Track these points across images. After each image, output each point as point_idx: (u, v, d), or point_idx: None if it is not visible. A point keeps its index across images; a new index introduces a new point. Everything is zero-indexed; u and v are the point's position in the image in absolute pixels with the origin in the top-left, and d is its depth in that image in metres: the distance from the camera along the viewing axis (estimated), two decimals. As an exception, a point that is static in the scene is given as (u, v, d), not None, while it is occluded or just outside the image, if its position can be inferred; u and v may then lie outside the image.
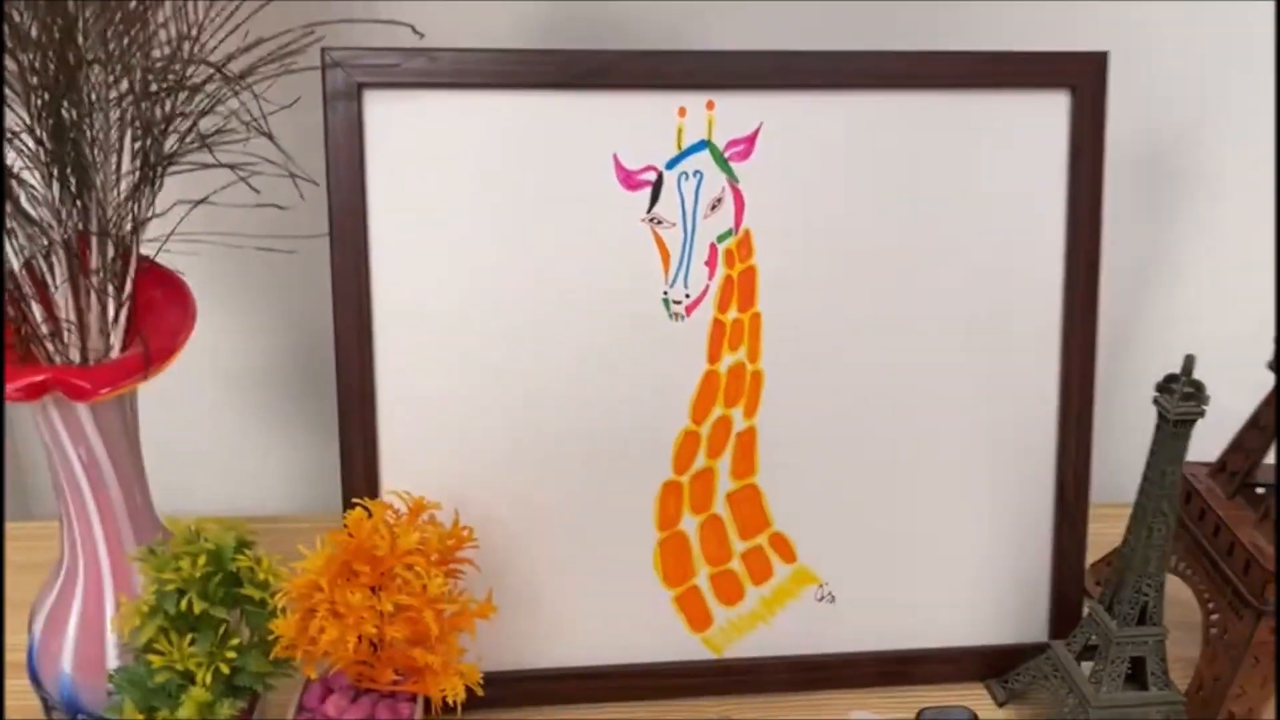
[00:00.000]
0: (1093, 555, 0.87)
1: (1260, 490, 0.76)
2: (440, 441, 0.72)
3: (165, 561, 0.59)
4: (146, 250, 0.67)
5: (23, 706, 0.72)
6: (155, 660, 0.58)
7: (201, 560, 0.59)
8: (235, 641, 0.60)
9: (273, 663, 0.61)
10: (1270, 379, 0.74)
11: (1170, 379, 0.63)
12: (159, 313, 0.67)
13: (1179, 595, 0.78)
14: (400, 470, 0.71)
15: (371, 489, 0.71)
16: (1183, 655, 0.76)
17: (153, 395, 0.67)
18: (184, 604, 0.58)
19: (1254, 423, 0.77)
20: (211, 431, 0.97)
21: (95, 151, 0.64)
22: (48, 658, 0.68)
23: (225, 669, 0.58)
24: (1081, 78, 0.72)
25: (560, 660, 0.74)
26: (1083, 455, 0.76)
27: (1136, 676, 0.69)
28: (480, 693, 0.63)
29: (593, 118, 0.70)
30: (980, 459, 0.76)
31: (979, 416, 0.76)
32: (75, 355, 0.65)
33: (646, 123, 0.70)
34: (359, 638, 0.58)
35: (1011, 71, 0.72)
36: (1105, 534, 0.82)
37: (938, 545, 0.77)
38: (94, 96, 0.63)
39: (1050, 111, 0.73)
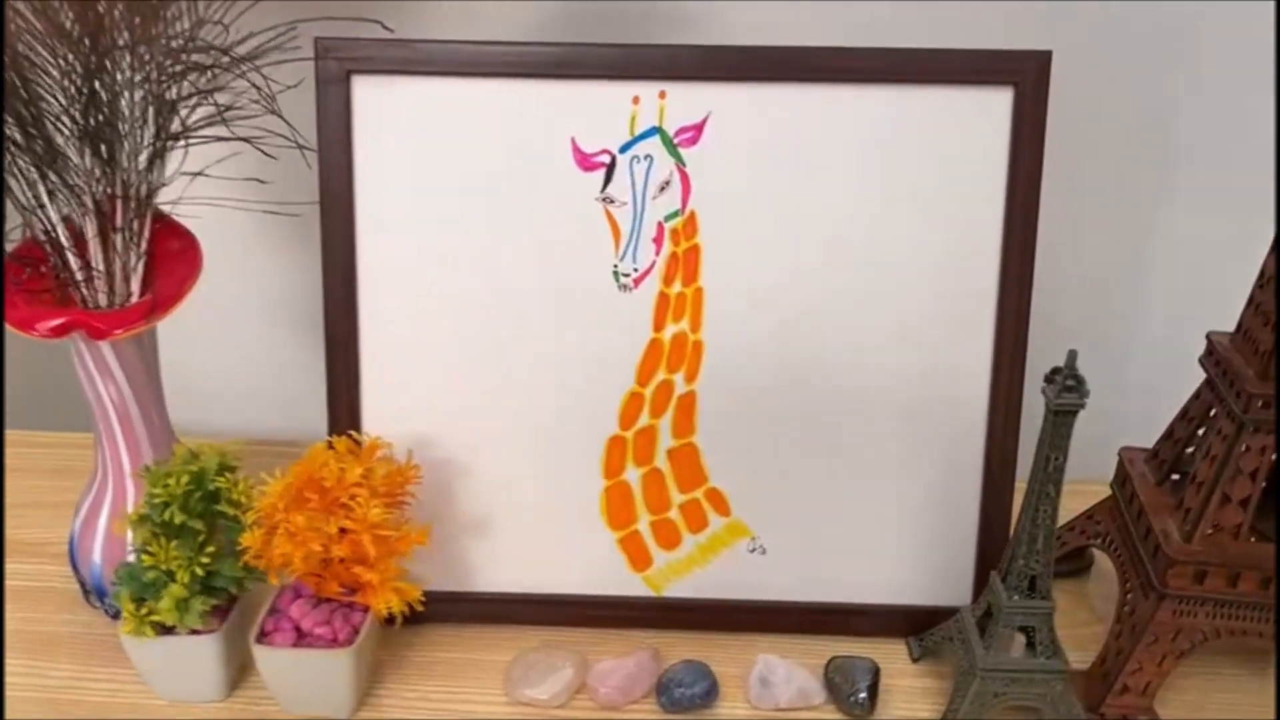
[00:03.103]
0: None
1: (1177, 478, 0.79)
2: (415, 386, 0.81)
3: (157, 478, 0.71)
4: (166, 210, 0.78)
5: (66, 589, 0.86)
6: (145, 559, 0.70)
7: (184, 479, 0.70)
8: (210, 549, 0.71)
9: (245, 569, 0.72)
10: (1195, 373, 0.77)
11: (1055, 371, 0.67)
12: (172, 264, 0.78)
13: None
14: (379, 410, 0.81)
15: (354, 426, 0.81)
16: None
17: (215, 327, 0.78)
18: (167, 515, 0.69)
19: (1183, 414, 0.80)
20: (266, 360, 1.10)
21: (122, 126, 0.75)
22: (83, 550, 0.81)
23: (200, 571, 0.70)
24: (1025, 75, 0.75)
25: (513, 586, 0.84)
26: (1010, 436, 0.80)
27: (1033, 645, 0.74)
28: (419, 608, 0.73)
29: (554, 104, 0.77)
30: (912, 433, 0.81)
31: (912, 393, 0.81)
32: (103, 300, 0.77)
33: (603, 109, 0.77)
34: (308, 554, 0.68)
35: (955, 68, 0.76)
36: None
37: (867, 510, 0.83)
38: (120, 79, 0.73)
39: (993, 108, 0.76)
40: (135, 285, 0.77)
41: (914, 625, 0.84)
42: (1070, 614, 0.88)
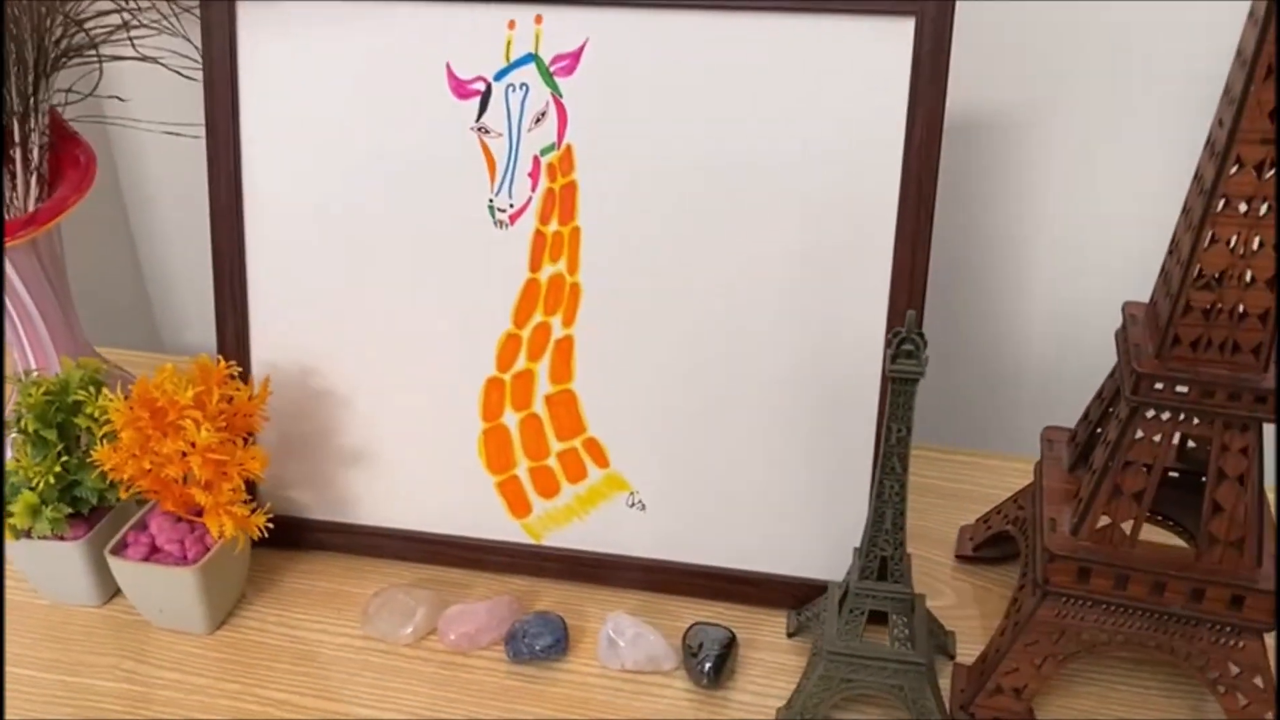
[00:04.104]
0: (980, 507, 0.85)
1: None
2: (299, 315, 0.81)
3: (25, 387, 0.73)
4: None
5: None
6: (10, 464, 0.73)
7: (43, 390, 0.72)
8: (66, 460, 0.73)
9: (106, 482, 0.74)
10: (1109, 352, 0.69)
11: (894, 334, 0.61)
12: (74, 179, 0.80)
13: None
14: (266, 337, 0.81)
15: (242, 353, 0.81)
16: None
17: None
18: (23, 423, 0.71)
19: (1098, 394, 0.72)
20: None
21: (11, 45, 0.76)
22: (-2, 453, 0.85)
23: (52, 480, 0.72)
24: (927, 3, 0.67)
25: (392, 521, 0.83)
26: (904, 404, 0.74)
27: (897, 631, 0.69)
28: (256, 535, 0.74)
29: (429, 28, 0.74)
30: (804, 392, 0.76)
31: (804, 350, 0.75)
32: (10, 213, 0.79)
33: (478, 34, 0.73)
34: (138, 471, 0.69)
35: (853, -5, 0.69)
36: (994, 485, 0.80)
37: (754, 471, 0.78)
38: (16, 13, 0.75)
39: (893, 37, 0.69)
40: (31, 200, 0.79)
41: (798, 599, 0.78)
42: (989, 603, 0.81)
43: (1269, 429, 0.62)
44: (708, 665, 0.72)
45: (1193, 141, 0.63)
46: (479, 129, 0.75)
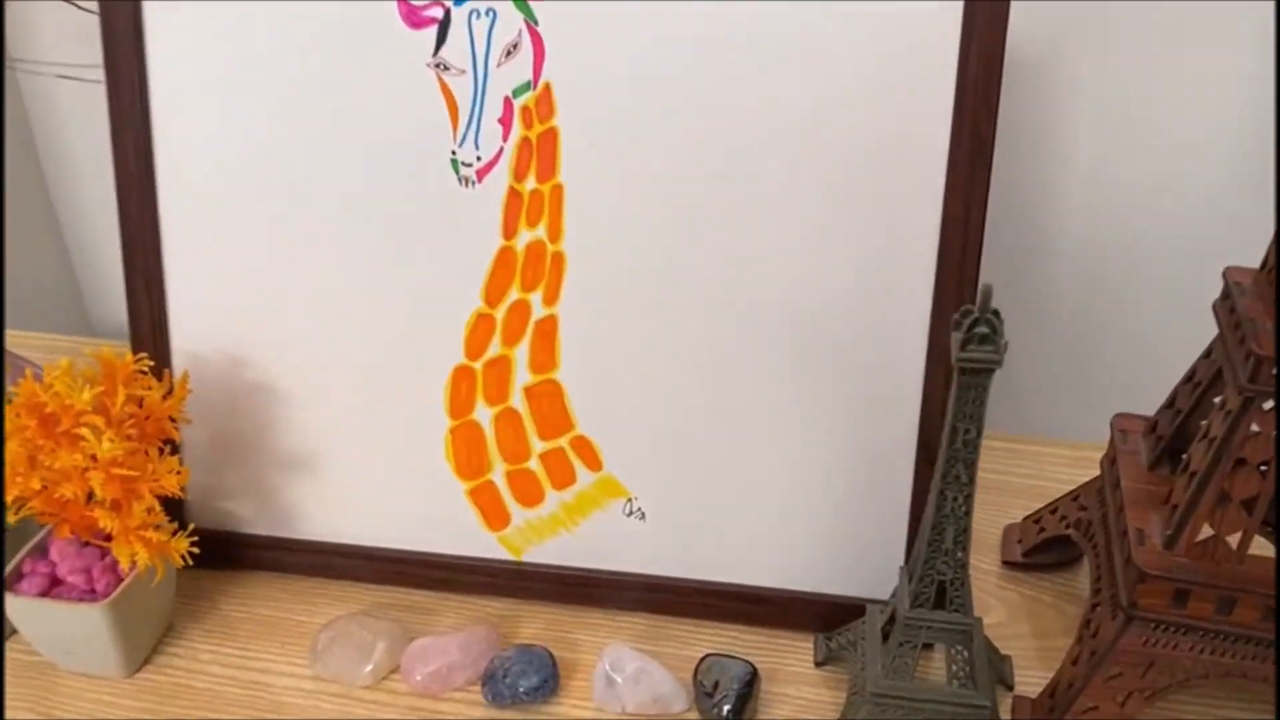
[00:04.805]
0: (1027, 502, 0.74)
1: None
2: (228, 298, 0.67)
3: (-114, 389, 0.59)
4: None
5: None
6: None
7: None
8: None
9: (-6, 502, 0.61)
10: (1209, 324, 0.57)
11: (964, 313, 0.48)
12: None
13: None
14: (188, 326, 0.68)
15: (160, 343, 0.68)
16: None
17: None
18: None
19: (1188, 377, 0.60)
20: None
21: None
22: None
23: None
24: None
25: (346, 536, 0.71)
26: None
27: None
28: (179, 562, 0.61)
29: (375, -58, 0.60)
30: (832, 380, 0.64)
31: (833, 333, 0.63)
32: None
33: (434, -51, 0.60)
34: (24, 491, 0.56)
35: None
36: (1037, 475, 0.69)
37: (771, 474, 0.66)
38: None
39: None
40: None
41: (824, 620, 0.67)
42: (1044, 619, 0.70)
43: None
44: (726, 709, 0.60)
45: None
46: (437, 65, 0.61)
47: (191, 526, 0.62)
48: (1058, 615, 0.70)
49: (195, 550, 0.62)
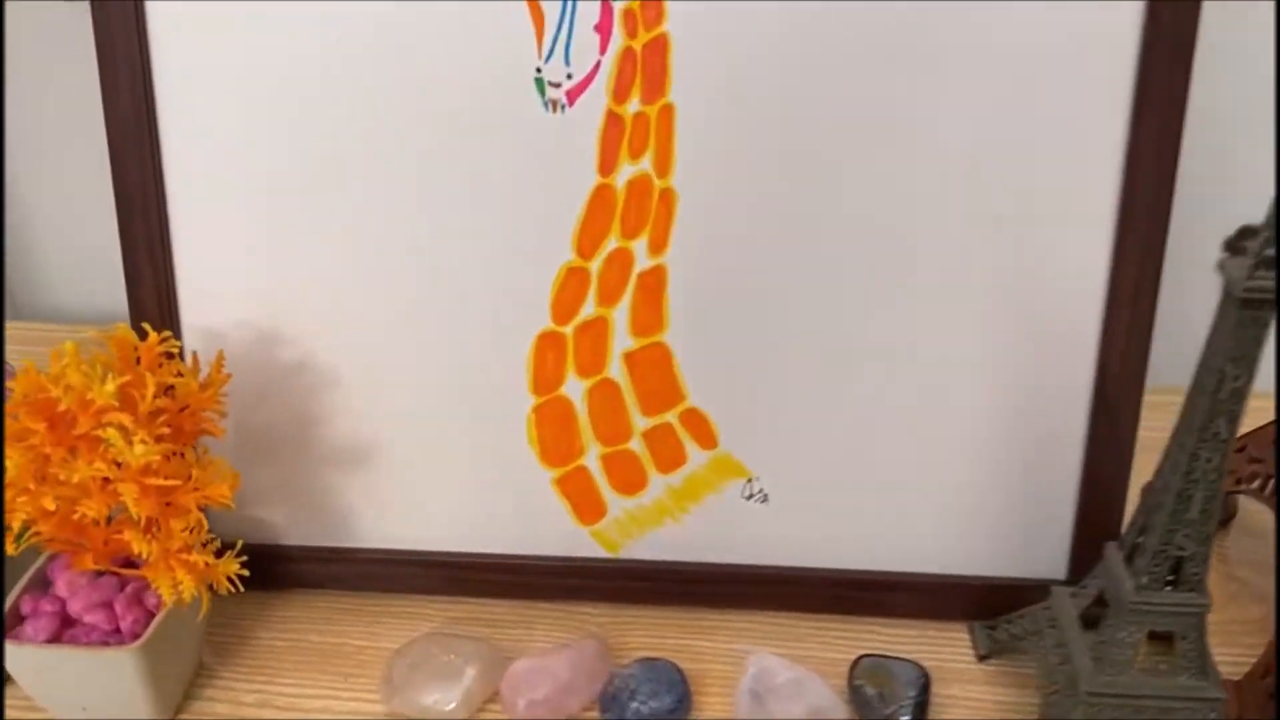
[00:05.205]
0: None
1: None
2: (253, 263, 0.55)
3: None
4: None
5: None
6: None
7: None
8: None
9: (-18, 528, 0.48)
10: None
11: (1245, 234, 0.39)
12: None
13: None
14: (202, 298, 0.56)
15: (167, 320, 0.56)
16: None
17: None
18: None
19: None
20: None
21: None
22: None
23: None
24: None
25: (407, 541, 0.59)
26: (1136, 346, 0.53)
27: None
28: (225, 588, 0.49)
29: None
30: (987, 327, 0.54)
31: (990, 274, 0.53)
32: None
33: None
34: (38, 513, 0.44)
35: None
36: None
37: (917, 439, 0.56)
38: None
39: None
40: None
41: (978, 607, 0.58)
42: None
43: None
44: (904, 719, 0.51)
45: None
46: (518, -37, 0.50)
47: (240, 544, 0.50)
48: (1223, 580, 0.62)
49: (245, 572, 0.50)
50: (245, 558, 0.50)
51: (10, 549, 0.47)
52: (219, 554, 0.49)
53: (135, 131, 0.53)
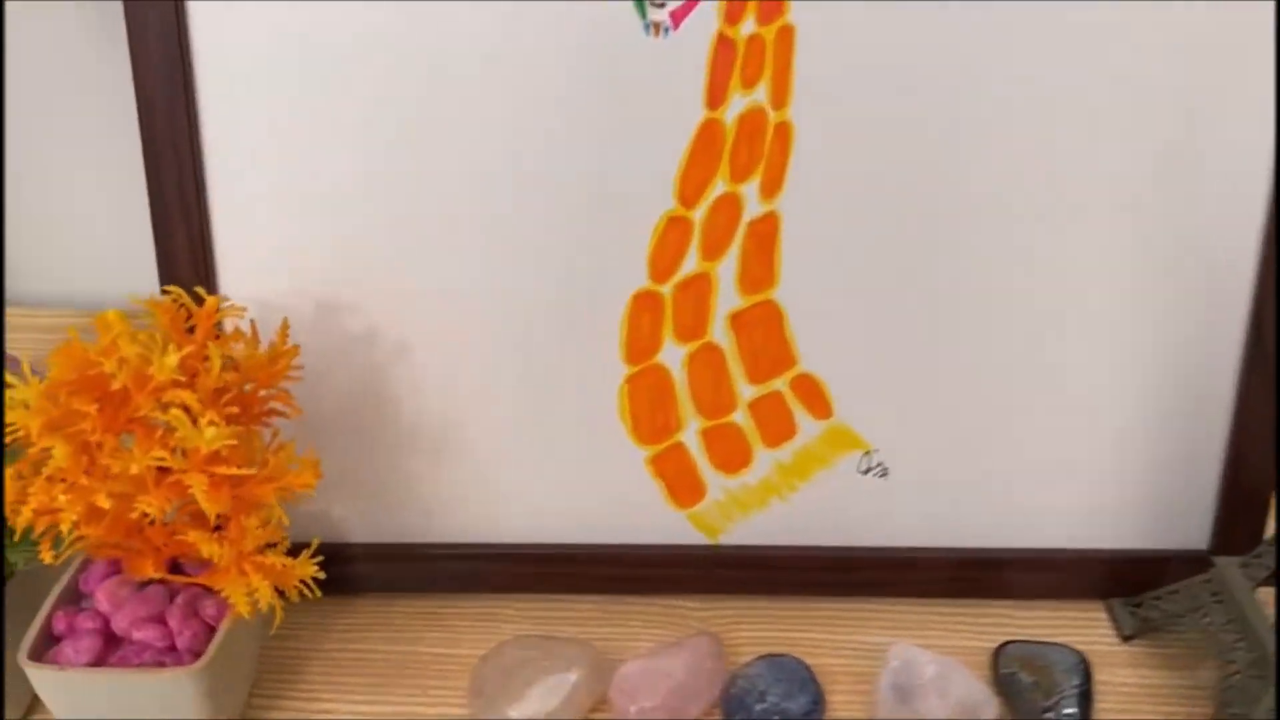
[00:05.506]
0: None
1: None
2: (299, 222, 0.48)
3: None
4: None
5: None
6: None
7: None
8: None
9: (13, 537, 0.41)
10: None
11: None
12: None
13: None
14: (243, 261, 0.49)
15: (203, 281, 0.48)
16: None
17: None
18: None
19: None
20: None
21: None
22: None
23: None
24: None
25: (485, 534, 0.53)
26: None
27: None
28: (296, 595, 0.42)
29: None
30: (1121, 277, 0.49)
31: (1133, 231, 0.48)
32: None
33: None
34: (89, 512, 0.37)
35: None
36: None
37: (1044, 399, 0.51)
38: None
39: None
40: None
41: (1116, 584, 0.53)
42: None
43: None
44: (1069, 711, 0.45)
45: None
46: None
47: (315, 543, 0.43)
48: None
49: (321, 574, 0.43)
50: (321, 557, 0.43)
51: (48, 557, 0.39)
52: (290, 554, 0.42)
53: (164, 69, 0.46)
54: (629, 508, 0.52)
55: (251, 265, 0.49)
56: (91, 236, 0.66)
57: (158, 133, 0.47)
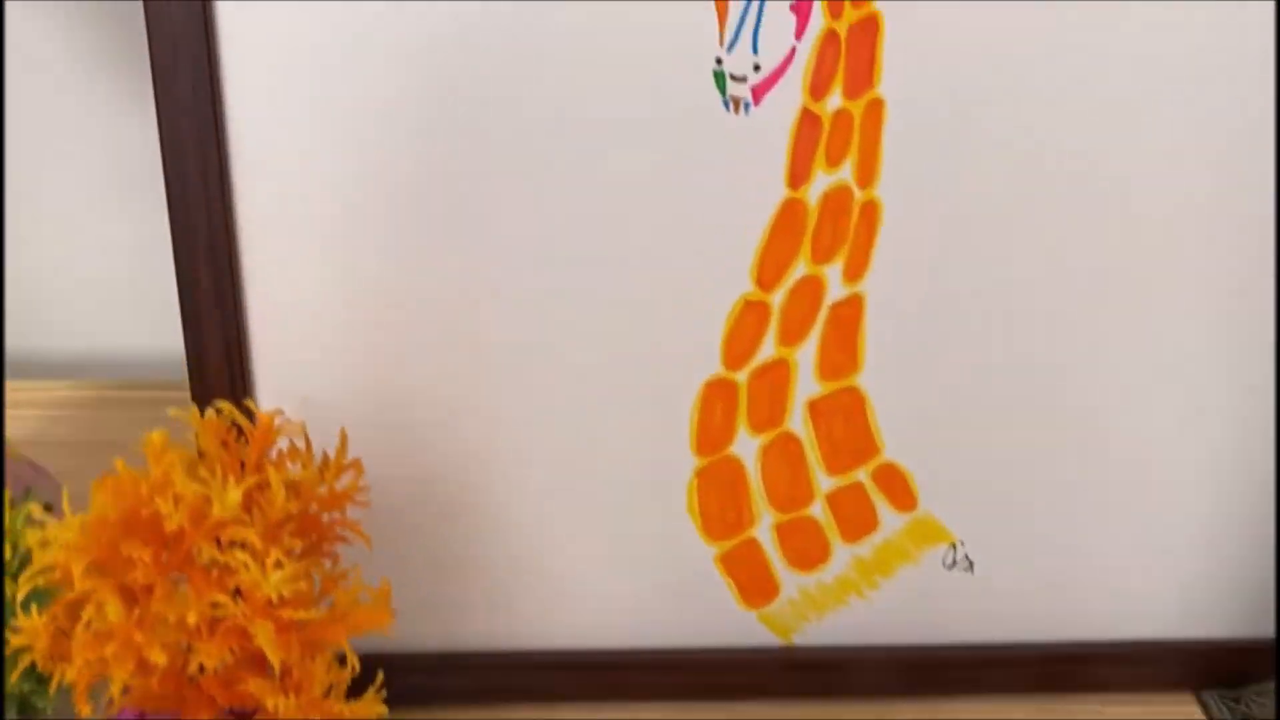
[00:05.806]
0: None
1: None
2: (343, 295, 0.44)
3: None
4: None
5: None
6: None
7: None
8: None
9: (32, 680, 0.36)
10: None
11: None
12: None
13: None
14: (282, 370, 0.44)
15: (238, 384, 0.44)
16: None
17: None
18: None
19: None
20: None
21: None
22: None
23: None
24: None
25: (537, 640, 0.49)
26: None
27: None
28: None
29: None
30: (1213, 356, 0.46)
31: (1223, 320, 0.45)
32: None
33: None
34: (143, 666, 0.32)
35: None
36: None
37: (1133, 485, 0.48)
38: None
39: None
40: None
41: (1209, 675, 0.50)
42: None
43: None
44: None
45: None
46: (696, -73, 0.40)
47: (380, 679, 0.39)
48: None
49: (385, 711, 0.39)
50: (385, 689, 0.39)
51: (86, 710, 0.35)
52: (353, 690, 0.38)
53: (200, 169, 0.42)
54: (697, 608, 0.49)
55: (282, 358, 0.44)
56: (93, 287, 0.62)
57: (188, 217, 0.42)
